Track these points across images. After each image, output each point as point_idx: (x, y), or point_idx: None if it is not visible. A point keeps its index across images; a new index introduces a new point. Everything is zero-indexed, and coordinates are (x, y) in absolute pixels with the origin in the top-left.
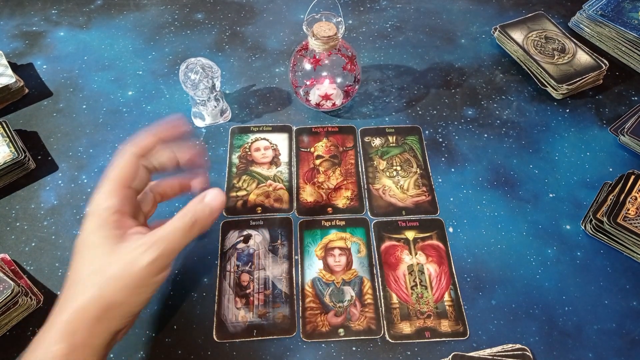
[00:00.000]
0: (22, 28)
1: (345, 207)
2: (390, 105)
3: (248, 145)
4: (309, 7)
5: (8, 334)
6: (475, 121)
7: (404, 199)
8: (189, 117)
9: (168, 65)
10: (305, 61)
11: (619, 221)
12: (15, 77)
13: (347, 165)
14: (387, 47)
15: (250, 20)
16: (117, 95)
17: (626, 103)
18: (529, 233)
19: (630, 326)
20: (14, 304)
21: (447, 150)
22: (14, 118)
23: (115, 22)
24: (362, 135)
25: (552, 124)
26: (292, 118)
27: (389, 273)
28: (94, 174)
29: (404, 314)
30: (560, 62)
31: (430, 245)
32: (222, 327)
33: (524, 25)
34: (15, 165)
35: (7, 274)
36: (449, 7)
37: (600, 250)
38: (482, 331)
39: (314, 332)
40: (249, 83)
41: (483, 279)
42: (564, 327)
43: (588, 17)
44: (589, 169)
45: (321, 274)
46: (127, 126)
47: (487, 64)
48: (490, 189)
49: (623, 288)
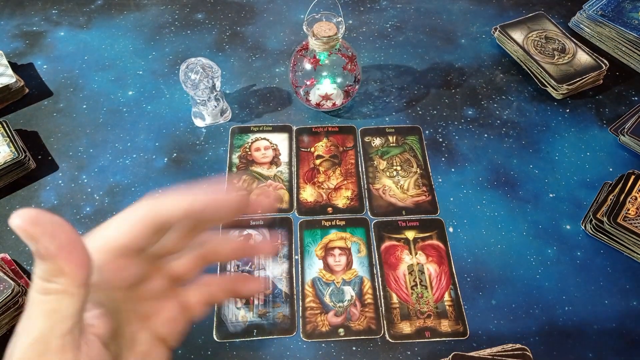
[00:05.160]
0: (22, 28)
1: (346, 207)
2: (390, 105)
3: (248, 145)
4: (309, 7)
5: (8, 334)
6: (476, 121)
7: (404, 199)
8: (189, 117)
9: (168, 65)
10: (305, 61)
11: (619, 221)
12: (15, 77)
13: (347, 165)
14: (387, 47)
15: (250, 20)
16: (117, 95)
17: (626, 103)
18: (529, 233)
19: (630, 326)
20: (14, 303)
21: (447, 150)
22: (14, 118)
23: (116, 22)
24: (362, 135)
25: (552, 124)
26: (292, 118)
27: (389, 273)
28: (94, 174)
29: (404, 313)
30: (561, 62)
31: (430, 245)
32: (222, 327)
33: (524, 25)
34: (16, 165)
35: (8, 273)
36: (449, 7)
37: (600, 250)
38: (482, 331)
39: (314, 332)
40: (249, 83)
41: (483, 279)
42: (564, 327)
43: (588, 17)
44: (589, 169)
45: (321, 273)
46: (127, 126)
47: (487, 64)
48: (490, 189)
49: (623, 288)
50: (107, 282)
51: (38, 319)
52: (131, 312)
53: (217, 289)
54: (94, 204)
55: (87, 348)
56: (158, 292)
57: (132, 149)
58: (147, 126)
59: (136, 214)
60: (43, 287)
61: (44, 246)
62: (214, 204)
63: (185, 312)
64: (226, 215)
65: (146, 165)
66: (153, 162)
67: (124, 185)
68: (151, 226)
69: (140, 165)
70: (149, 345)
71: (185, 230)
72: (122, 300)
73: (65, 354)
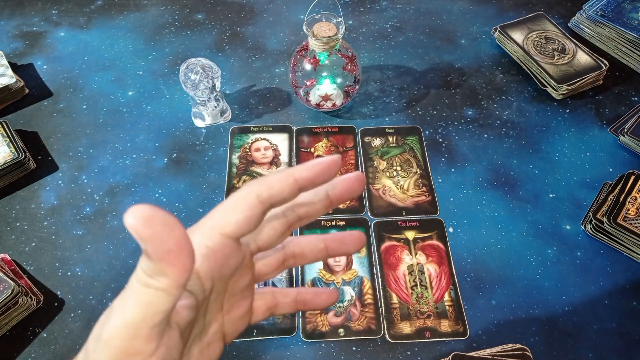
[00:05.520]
0: (22, 28)
1: (345, 207)
2: (390, 106)
3: (248, 146)
4: (309, 7)
5: (8, 334)
6: (475, 121)
7: (404, 199)
8: (189, 118)
9: (168, 66)
10: (305, 61)
11: (619, 221)
12: (15, 77)
13: (347, 166)
14: (387, 47)
15: (250, 21)
16: (117, 96)
17: (626, 103)
18: (529, 233)
19: (630, 326)
20: (14, 303)
21: (447, 151)
22: (14, 118)
23: (116, 23)
24: (362, 135)
25: (552, 124)
26: (292, 118)
27: (389, 273)
28: (94, 174)
29: (404, 314)
30: (560, 63)
31: (430, 245)
32: None
33: (524, 25)
34: (16, 165)
35: (7, 274)
36: (449, 7)
37: (600, 250)
38: (482, 331)
39: (314, 332)
40: (249, 83)
41: (483, 279)
42: (564, 327)
43: (588, 18)
44: (589, 169)
45: (321, 274)
46: (127, 126)
47: (487, 64)
48: (490, 189)
49: (623, 288)
50: (213, 269)
51: (134, 306)
52: (215, 303)
53: (285, 299)
54: (94, 204)
55: (167, 338)
56: (245, 288)
57: (132, 149)
58: (147, 126)
59: (246, 196)
60: (144, 280)
61: (153, 248)
62: (315, 169)
63: (250, 313)
64: (329, 178)
65: (146, 166)
66: (153, 162)
67: (124, 185)
68: (261, 206)
69: (140, 166)
70: (215, 337)
71: (287, 222)
72: (214, 290)
73: (150, 343)
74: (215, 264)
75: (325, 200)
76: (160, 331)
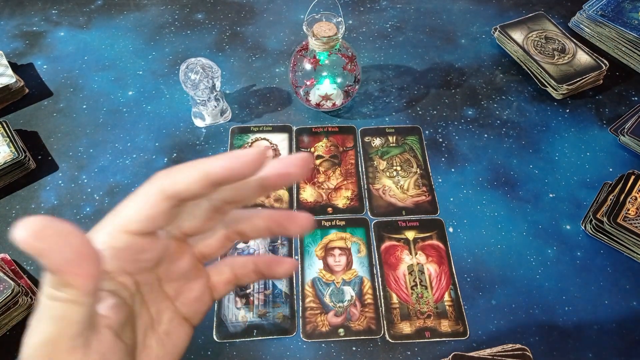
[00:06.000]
0: (22, 28)
1: (345, 207)
2: (390, 105)
3: (248, 145)
4: (309, 7)
5: (8, 334)
6: (475, 121)
7: (404, 199)
8: (189, 117)
9: (168, 65)
10: (305, 61)
11: (619, 221)
12: (15, 77)
13: (347, 165)
14: (387, 47)
15: (250, 21)
16: (117, 95)
17: (626, 103)
18: (529, 233)
19: (630, 326)
20: (14, 303)
21: (447, 150)
22: (14, 118)
23: (116, 22)
24: (362, 135)
25: (552, 124)
26: (292, 118)
27: (389, 273)
28: (94, 174)
29: (404, 314)
30: (561, 62)
31: (430, 245)
32: (222, 327)
33: (524, 25)
34: (16, 165)
35: (7, 273)
36: (449, 7)
37: (600, 250)
38: (482, 331)
39: (314, 332)
40: (249, 83)
41: (483, 279)
42: (564, 327)
43: (588, 17)
44: (589, 169)
45: (321, 274)
46: (127, 126)
47: (487, 64)
48: (490, 189)
49: (623, 288)
50: (126, 267)
51: (47, 323)
52: (156, 293)
53: (243, 270)
54: (94, 204)
55: (97, 343)
56: (185, 272)
57: (132, 149)
58: (147, 126)
59: (150, 192)
60: (51, 294)
61: (50, 262)
62: (232, 165)
63: (209, 291)
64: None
65: (146, 165)
66: (153, 162)
67: (124, 185)
68: (167, 202)
69: (140, 165)
70: (172, 324)
71: (212, 208)
72: (146, 282)
73: (74, 355)
74: (127, 260)
75: (256, 187)
76: (84, 340)
